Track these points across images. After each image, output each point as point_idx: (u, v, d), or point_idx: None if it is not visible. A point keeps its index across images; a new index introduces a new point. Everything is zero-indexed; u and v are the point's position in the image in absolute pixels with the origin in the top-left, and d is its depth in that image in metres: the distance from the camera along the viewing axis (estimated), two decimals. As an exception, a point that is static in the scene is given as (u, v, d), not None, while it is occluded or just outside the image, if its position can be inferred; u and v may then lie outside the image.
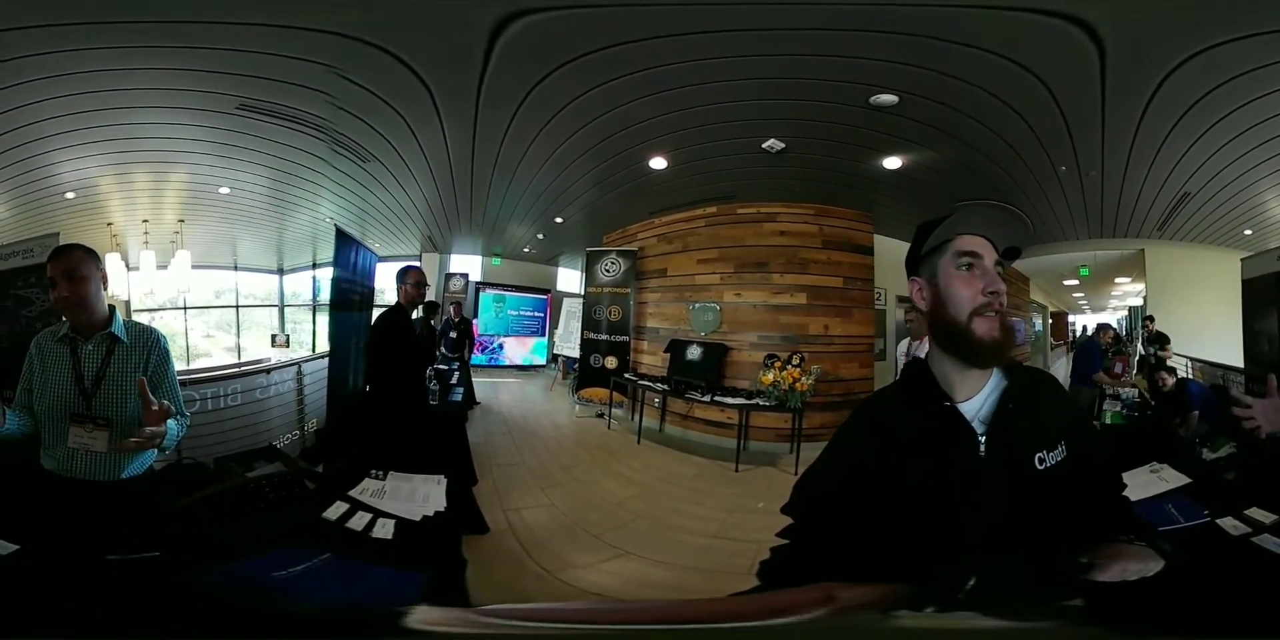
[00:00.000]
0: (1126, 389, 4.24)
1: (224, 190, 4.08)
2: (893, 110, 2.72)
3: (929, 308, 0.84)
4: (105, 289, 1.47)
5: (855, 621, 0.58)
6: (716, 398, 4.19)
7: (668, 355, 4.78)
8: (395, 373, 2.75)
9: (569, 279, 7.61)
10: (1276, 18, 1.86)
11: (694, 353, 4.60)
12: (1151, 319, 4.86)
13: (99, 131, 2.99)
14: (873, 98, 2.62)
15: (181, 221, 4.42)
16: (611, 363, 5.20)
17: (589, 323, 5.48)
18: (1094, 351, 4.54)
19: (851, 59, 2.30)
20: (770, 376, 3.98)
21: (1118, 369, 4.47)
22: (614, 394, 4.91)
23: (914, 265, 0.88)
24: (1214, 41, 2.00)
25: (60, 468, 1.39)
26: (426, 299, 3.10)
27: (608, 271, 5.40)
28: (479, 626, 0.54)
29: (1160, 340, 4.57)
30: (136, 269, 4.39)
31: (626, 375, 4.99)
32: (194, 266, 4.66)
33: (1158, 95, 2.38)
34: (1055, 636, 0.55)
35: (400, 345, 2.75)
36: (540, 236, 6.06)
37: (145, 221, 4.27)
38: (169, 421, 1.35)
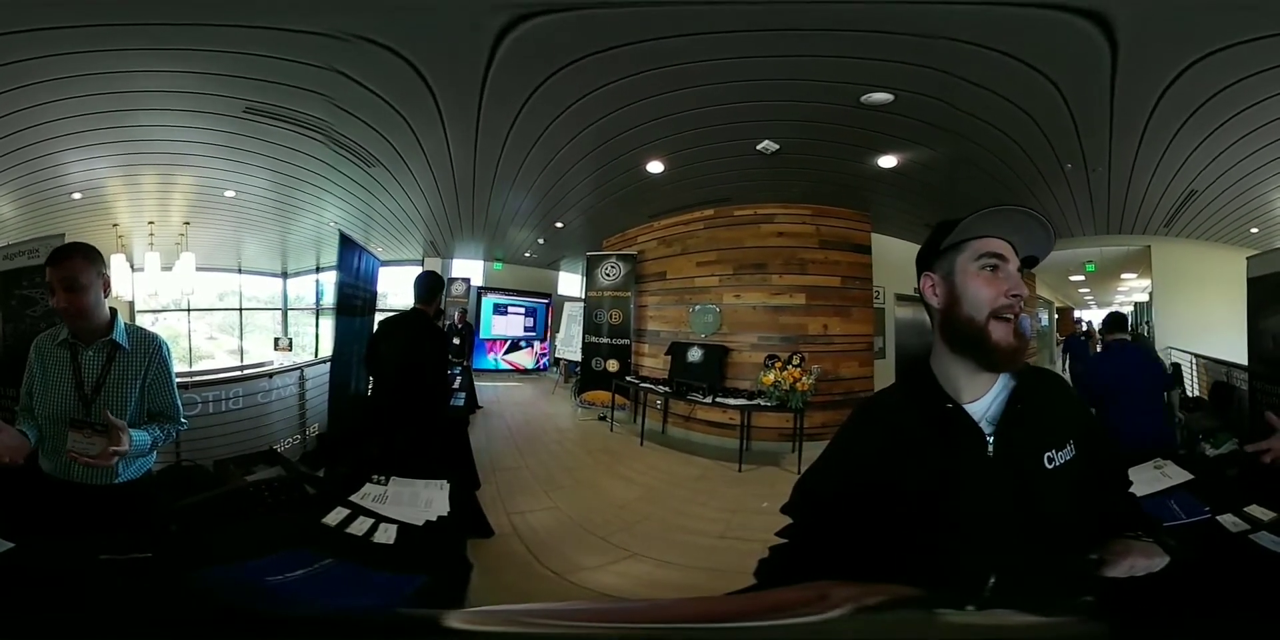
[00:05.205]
0: None
1: (229, 193, 4.10)
2: (887, 109, 2.71)
3: (943, 305, 0.83)
4: (107, 294, 1.43)
5: (857, 621, 0.57)
6: (718, 399, 4.19)
7: (669, 358, 4.78)
8: (441, 381, 2.86)
9: (570, 283, 7.62)
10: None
11: (695, 355, 4.59)
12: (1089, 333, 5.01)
13: (106, 133, 2.99)
14: (865, 97, 2.60)
15: (187, 224, 4.45)
16: (613, 366, 5.20)
17: (590, 326, 5.49)
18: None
19: (846, 59, 2.29)
20: (771, 377, 3.97)
21: None
22: (616, 397, 4.91)
23: (928, 261, 0.86)
24: (1230, 42, 1.98)
25: (57, 470, 1.39)
26: None
27: (608, 275, 5.41)
28: (473, 626, 0.53)
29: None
30: (141, 270, 4.43)
31: (628, 378, 4.99)
32: (198, 269, 4.69)
33: (1168, 92, 2.36)
34: (1066, 633, 0.55)
35: (446, 351, 2.86)
36: (541, 241, 6.08)
37: (151, 223, 4.30)
38: (139, 432, 1.35)
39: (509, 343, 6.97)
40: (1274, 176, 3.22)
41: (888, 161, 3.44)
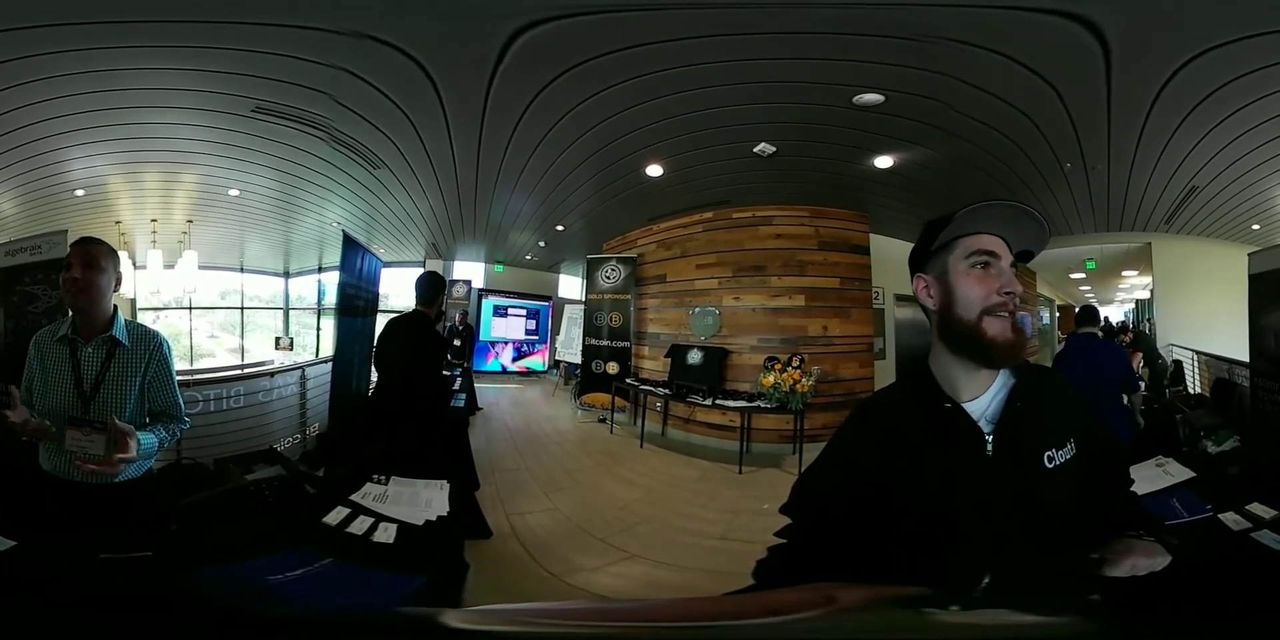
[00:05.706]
0: None
1: (234, 192, 4.10)
2: (883, 110, 2.71)
3: (938, 306, 0.83)
4: (116, 290, 1.45)
5: (857, 621, 0.56)
6: (718, 401, 4.19)
7: (669, 360, 4.77)
8: (436, 380, 2.88)
9: (570, 285, 7.63)
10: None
11: (695, 357, 4.59)
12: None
13: (111, 130, 2.99)
14: (856, 97, 2.60)
15: (190, 222, 4.45)
16: (613, 368, 5.20)
17: (590, 329, 5.49)
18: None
19: (842, 61, 2.30)
20: (771, 379, 3.97)
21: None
22: (616, 399, 4.90)
23: (920, 262, 0.86)
24: (1227, 39, 1.98)
25: (58, 469, 1.39)
26: None
27: (608, 278, 5.41)
28: (471, 625, 0.53)
29: None
30: (143, 268, 4.43)
31: (628, 380, 4.98)
32: (200, 267, 4.69)
33: (1166, 90, 2.35)
34: (1067, 633, 0.54)
35: (443, 354, 2.89)
36: (542, 244, 6.10)
37: (154, 221, 4.30)
38: (147, 435, 1.36)
39: (520, 347, 6.98)
40: (1275, 173, 3.20)
41: (884, 162, 3.45)
